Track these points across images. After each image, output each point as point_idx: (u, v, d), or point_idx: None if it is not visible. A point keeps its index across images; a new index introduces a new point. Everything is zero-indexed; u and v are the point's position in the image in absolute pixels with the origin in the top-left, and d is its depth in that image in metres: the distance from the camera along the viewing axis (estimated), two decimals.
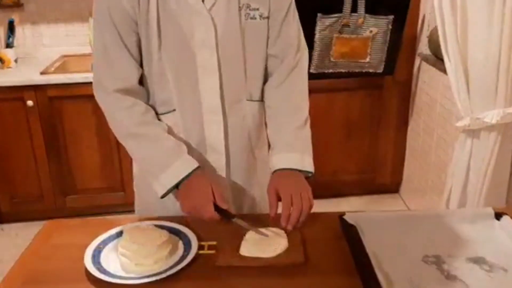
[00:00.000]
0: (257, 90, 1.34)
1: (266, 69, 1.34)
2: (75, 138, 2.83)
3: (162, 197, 1.22)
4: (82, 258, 1.10)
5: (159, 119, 1.29)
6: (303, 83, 1.36)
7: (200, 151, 1.31)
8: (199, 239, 1.17)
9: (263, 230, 1.18)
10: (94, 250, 1.14)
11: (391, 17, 2.65)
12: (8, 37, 2.89)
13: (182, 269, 1.08)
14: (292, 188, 1.20)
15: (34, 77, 2.69)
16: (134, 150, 1.26)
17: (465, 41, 1.93)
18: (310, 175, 1.30)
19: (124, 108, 1.22)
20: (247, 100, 1.33)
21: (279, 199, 1.21)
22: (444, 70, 2.10)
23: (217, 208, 1.16)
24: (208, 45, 1.21)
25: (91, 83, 2.83)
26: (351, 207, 3.15)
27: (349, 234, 1.20)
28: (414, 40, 2.89)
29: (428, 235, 1.21)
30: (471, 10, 1.88)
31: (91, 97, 2.65)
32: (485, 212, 1.28)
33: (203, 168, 1.25)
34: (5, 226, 2.97)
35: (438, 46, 2.06)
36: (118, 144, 2.84)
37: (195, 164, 1.21)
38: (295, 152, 1.28)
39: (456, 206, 2.07)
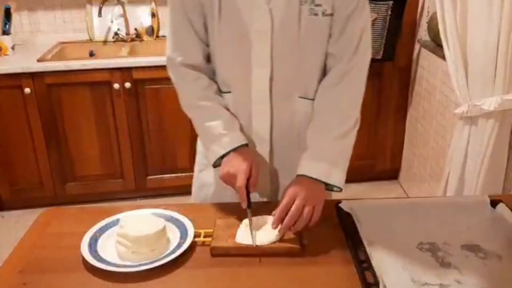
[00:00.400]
0: (312, 88, 1.30)
1: (325, 67, 1.29)
2: (73, 125, 2.82)
3: (214, 166, 1.28)
4: (79, 246, 1.11)
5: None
6: (357, 89, 1.27)
7: (248, 138, 1.31)
8: (196, 226, 1.17)
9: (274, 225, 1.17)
10: (91, 238, 1.14)
11: (390, 2, 2.63)
12: (5, 24, 2.87)
13: (178, 256, 1.08)
14: (301, 194, 1.15)
15: (31, 65, 2.67)
16: (194, 120, 1.33)
17: (464, 28, 1.91)
18: (337, 189, 1.26)
19: (189, 82, 1.30)
20: (300, 97, 1.30)
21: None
22: (443, 57, 2.09)
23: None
24: (263, 37, 1.21)
25: (89, 70, 2.86)
26: (351, 193, 3.14)
27: (344, 222, 1.21)
28: (413, 26, 2.87)
29: (423, 223, 1.22)
30: None
31: (89, 84, 2.73)
32: (481, 200, 1.29)
33: (249, 147, 1.29)
34: (5, 214, 2.99)
35: (438, 32, 2.05)
36: (117, 130, 2.85)
37: (243, 141, 1.26)
38: (324, 162, 1.22)
39: (454, 192, 2.07)
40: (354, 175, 3.14)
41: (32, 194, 2.95)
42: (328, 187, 1.24)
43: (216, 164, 1.27)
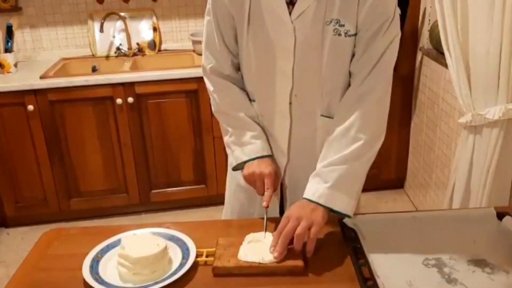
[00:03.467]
0: (335, 108, 1.28)
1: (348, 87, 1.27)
2: (77, 141, 2.83)
3: (234, 169, 1.37)
4: (81, 268, 1.10)
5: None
6: (369, 110, 1.22)
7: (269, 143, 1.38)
8: (198, 246, 1.16)
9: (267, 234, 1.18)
10: (92, 260, 1.13)
11: None
12: (7, 42, 2.88)
13: (180, 277, 1.07)
14: (294, 216, 1.13)
15: (34, 82, 2.68)
16: (223, 124, 1.39)
17: (466, 36, 1.90)
18: (346, 216, 1.22)
19: (220, 90, 1.37)
20: (322, 115, 1.31)
21: None
22: (446, 65, 2.07)
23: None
24: (287, 53, 1.25)
25: (91, 86, 2.86)
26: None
27: (349, 238, 1.20)
28: (415, 34, 2.86)
29: (429, 237, 1.20)
30: (471, 4, 1.86)
31: (92, 100, 2.74)
32: (486, 212, 1.27)
33: (275, 159, 1.36)
34: (11, 230, 2.99)
35: (440, 40, 2.03)
36: (120, 145, 2.85)
37: (268, 152, 1.33)
38: (324, 184, 1.19)
39: (459, 202, 2.05)
40: None
41: (36, 211, 2.94)
42: (336, 213, 1.20)
43: (238, 168, 1.35)
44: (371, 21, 1.18)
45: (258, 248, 1.15)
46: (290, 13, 1.21)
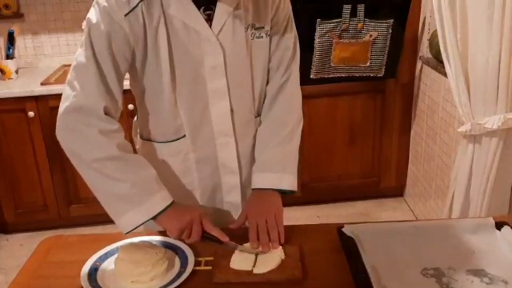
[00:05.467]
0: (262, 105, 1.36)
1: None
2: None
3: (126, 233, 1.21)
4: (79, 276, 1.10)
5: (165, 147, 1.30)
6: (292, 95, 1.34)
7: (213, 172, 1.33)
8: (196, 254, 1.16)
9: (255, 245, 1.18)
10: (91, 268, 1.13)
11: (391, 20, 2.63)
12: (8, 48, 2.90)
13: (178, 286, 1.07)
14: (259, 214, 1.21)
15: (35, 88, 2.69)
16: (111, 173, 1.17)
17: (465, 46, 1.91)
18: (290, 193, 1.31)
19: (107, 131, 1.17)
20: (255, 117, 1.34)
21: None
22: (445, 74, 2.08)
23: (206, 234, 1.18)
24: (218, 71, 1.22)
25: None
26: (356, 211, 3.14)
27: (347, 247, 1.19)
28: (415, 43, 2.87)
29: (427, 247, 1.20)
30: (470, 14, 1.86)
31: None
32: (485, 222, 1.26)
33: (211, 207, 1.33)
34: (10, 237, 2.98)
35: (439, 49, 2.04)
36: None
37: (170, 199, 1.21)
38: (272, 171, 1.29)
39: (459, 211, 2.05)
40: (359, 193, 3.20)
41: (36, 217, 2.94)
42: (282, 192, 1.28)
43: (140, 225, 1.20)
44: (281, 17, 1.28)
45: (250, 257, 1.15)
46: (210, 27, 1.18)
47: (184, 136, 1.28)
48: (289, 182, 1.30)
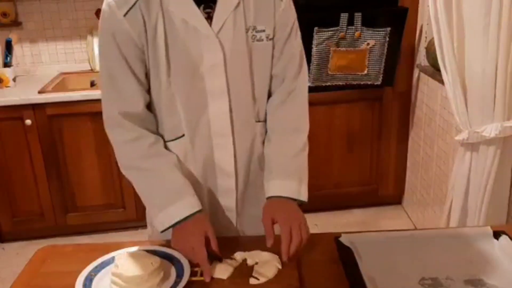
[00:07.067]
0: (263, 111, 1.33)
1: (270, 89, 1.33)
2: (74, 156, 2.82)
3: (162, 231, 1.21)
4: (74, 286, 1.09)
5: (166, 147, 1.27)
6: (302, 104, 1.33)
7: (209, 173, 1.31)
8: (192, 265, 1.15)
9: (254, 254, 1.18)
10: (86, 278, 1.12)
11: (388, 29, 2.64)
12: (6, 56, 2.90)
13: None
14: (291, 220, 1.17)
15: (32, 96, 2.68)
16: (136, 183, 1.25)
17: (462, 54, 1.91)
18: (301, 203, 1.28)
19: (130, 140, 1.22)
20: (256, 121, 1.32)
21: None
22: (442, 81, 2.08)
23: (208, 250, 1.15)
24: (217, 69, 1.20)
25: (90, 100, 2.86)
26: (354, 219, 3.13)
27: (344, 256, 1.19)
28: (412, 51, 2.88)
29: (425, 256, 1.19)
30: (467, 23, 1.87)
31: (90, 114, 2.73)
32: (483, 231, 1.26)
33: (205, 210, 1.26)
34: (6, 245, 2.96)
35: (436, 57, 2.04)
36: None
37: (194, 209, 1.20)
38: (292, 180, 1.26)
39: (457, 220, 2.04)
40: (357, 201, 3.19)
41: (33, 226, 2.93)
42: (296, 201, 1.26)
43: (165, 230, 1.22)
44: (286, 23, 1.26)
45: (229, 268, 1.14)
46: (210, 25, 1.17)
47: (183, 135, 1.27)
48: (305, 193, 1.27)
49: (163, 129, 1.28)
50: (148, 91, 1.23)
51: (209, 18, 1.18)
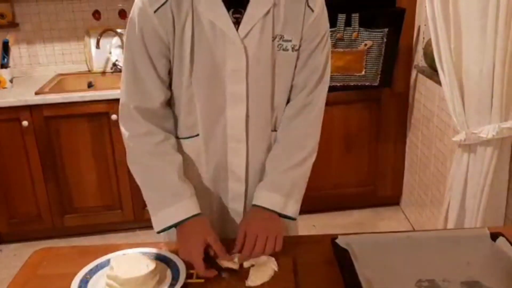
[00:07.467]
0: (279, 121, 1.32)
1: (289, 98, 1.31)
2: (71, 157, 2.82)
3: (158, 232, 1.22)
4: None
5: (180, 144, 1.28)
6: (315, 121, 1.31)
7: (221, 176, 1.31)
8: (188, 267, 1.15)
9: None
10: (81, 281, 1.12)
11: (386, 30, 2.64)
12: (3, 58, 2.89)
13: None
14: (260, 230, 1.18)
15: (29, 97, 2.68)
16: (138, 179, 1.25)
17: (459, 55, 1.91)
18: (290, 220, 1.28)
19: (139, 134, 1.22)
20: (272, 131, 1.31)
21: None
22: (440, 82, 2.08)
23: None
24: (238, 74, 1.20)
25: (87, 102, 2.85)
26: (353, 220, 3.13)
27: (341, 258, 1.18)
28: (410, 52, 2.88)
29: (422, 258, 1.19)
30: (464, 24, 1.87)
31: (88, 116, 2.73)
32: (480, 233, 1.26)
33: (212, 213, 1.27)
34: (3, 247, 2.96)
35: (433, 58, 2.04)
36: (115, 162, 2.83)
37: (190, 213, 1.20)
38: (278, 193, 1.24)
39: (454, 222, 2.04)
40: (355, 202, 3.19)
41: (30, 227, 2.92)
42: (284, 217, 1.25)
43: (162, 231, 1.23)
44: (314, 34, 1.23)
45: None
46: (237, 30, 1.17)
47: (198, 135, 1.27)
48: (293, 209, 1.26)
49: (180, 126, 1.28)
50: (170, 87, 1.24)
51: (237, 23, 1.17)
